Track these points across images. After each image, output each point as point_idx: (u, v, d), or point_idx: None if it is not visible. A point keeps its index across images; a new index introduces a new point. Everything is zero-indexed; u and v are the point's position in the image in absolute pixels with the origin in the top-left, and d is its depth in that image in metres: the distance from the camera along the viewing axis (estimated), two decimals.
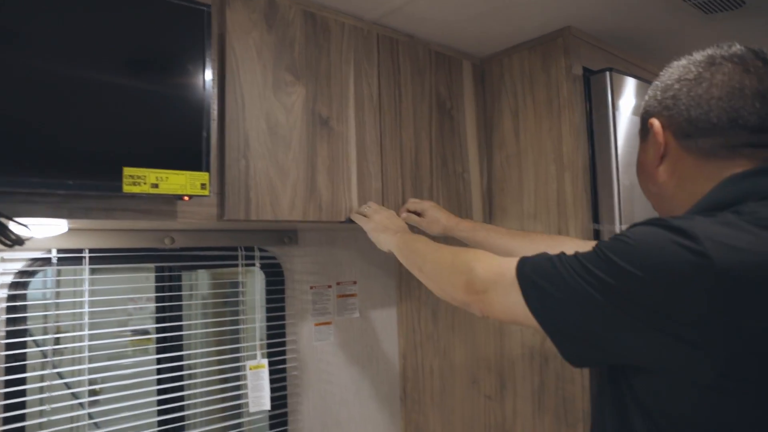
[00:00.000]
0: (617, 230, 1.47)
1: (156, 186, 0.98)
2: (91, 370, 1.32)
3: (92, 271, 1.42)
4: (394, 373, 1.94)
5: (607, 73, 1.49)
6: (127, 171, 0.94)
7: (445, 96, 1.57)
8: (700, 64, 0.77)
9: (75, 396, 1.33)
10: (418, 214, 1.43)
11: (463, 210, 1.58)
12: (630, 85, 1.58)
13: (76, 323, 1.35)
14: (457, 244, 1.57)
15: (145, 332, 1.66)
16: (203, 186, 1.03)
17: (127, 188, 0.94)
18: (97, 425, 1.38)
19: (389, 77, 1.44)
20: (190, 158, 1.02)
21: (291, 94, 1.24)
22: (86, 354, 1.31)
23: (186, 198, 1.05)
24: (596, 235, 1.50)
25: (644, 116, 0.83)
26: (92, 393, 1.35)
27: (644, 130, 0.83)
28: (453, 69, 1.61)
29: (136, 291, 1.53)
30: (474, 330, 1.71)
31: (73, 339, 1.34)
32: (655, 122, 0.79)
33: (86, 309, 1.32)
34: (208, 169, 1.04)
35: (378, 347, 1.90)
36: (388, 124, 1.42)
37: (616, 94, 1.51)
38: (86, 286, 1.33)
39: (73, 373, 1.31)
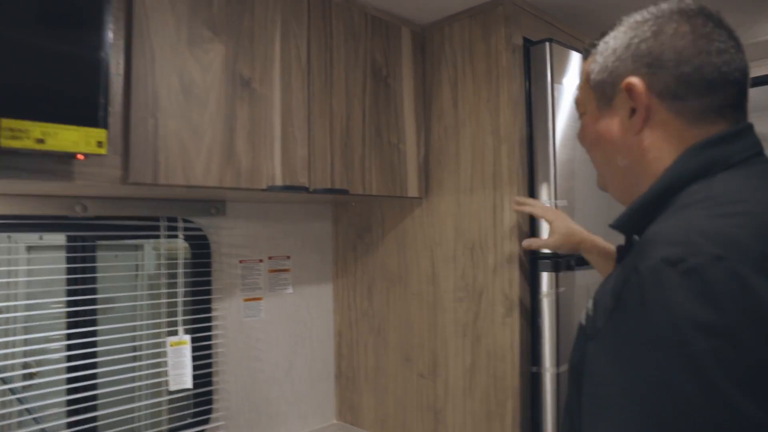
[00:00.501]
0: (552, 206, 1.44)
1: (42, 141, 0.88)
2: None
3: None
4: (328, 350, 1.89)
5: (547, 44, 1.45)
6: (6, 123, 0.84)
7: (381, 63, 1.50)
8: (671, 18, 0.68)
9: None
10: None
11: (397, 183, 1.53)
12: (570, 57, 1.54)
13: None
14: None
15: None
16: (100, 144, 0.94)
17: (5, 142, 0.84)
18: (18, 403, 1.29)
19: (320, 40, 1.36)
20: (85, 113, 0.93)
21: (209, 52, 1.15)
22: None
23: (81, 157, 0.96)
24: None
25: (608, 79, 0.71)
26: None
27: (606, 96, 0.72)
28: (391, 35, 1.54)
29: (45, 262, 1.42)
30: (408, 307, 1.67)
31: None
32: (637, 82, 0.68)
33: None
34: (105, 126, 0.95)
35: (312, 324, 1.85)
36: (318, 90, 1.34)
37: (556, 65, 1.47)
38: None
39: None
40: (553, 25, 1.63)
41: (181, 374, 1.49)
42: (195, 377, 1.53)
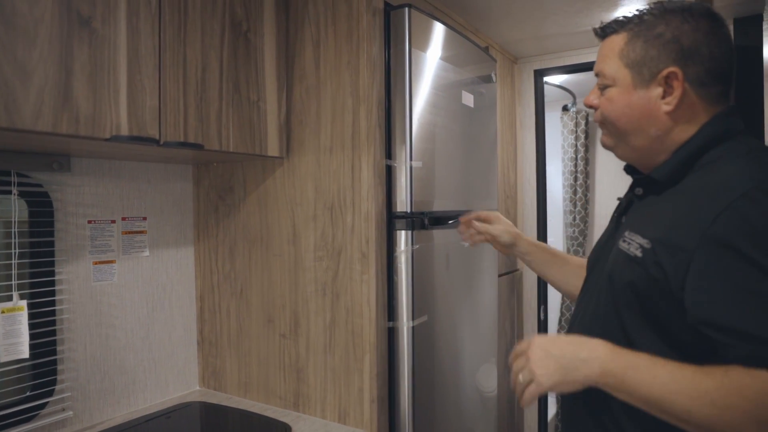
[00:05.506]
0: (406, 167, 1.50)
1: None
2: None
3: None
4: (189, 315, 1.84)
5: (406, 9, 1.50)
6: None
7: (241, 16, 1.46)
8: (701, 18, 0.87)
9: None
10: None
11: (257, 141, 1.51)
12: (429, 25, 1.60)
13: None
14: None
15: None
16: None
17: None
18: None
19: None
20: None
21: None
22: None
23: None
24: (388, 170, 1.52)
25: (649, 63, 0.89)
26: None
27: (643, 77, 0.90)
28: None
29: None
30: (270, 268, 1.66)
31: None
32: (679, 72, 0.87)
33: None
34: None
35: (172, 289, 1.78)
36: (170, 37, 1.28)
37: (414, 31, 1.52)
38: None
39: None
40: None
41: (16, 343, 1.37)
42: (35, 346, 1.42)
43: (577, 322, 1.02)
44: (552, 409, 2.91)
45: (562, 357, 0.85)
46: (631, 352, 0.83)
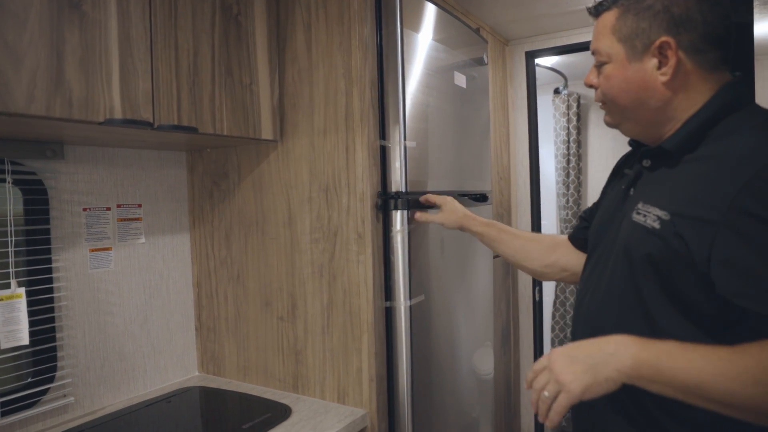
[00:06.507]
0: (400, 147, 1.51)
1: None
2: None
3: None
4: (187, 302, 1.85)
5: None
6: None
7: (231, 0, 1.46)
8: None
9: None
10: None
11: (250, 124, 1.51)
12: (421, 5, 1.61)
13: None
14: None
15: None
16: None
17: None
18: None
19: None
20: None
21: None
22: None
23: None
24: (382, 151, 1.53)
25: (641, 36, 0.88)
26: None
27: (637, 50, 0.89)
28: None
29: None
30: (267, 252, 1.67)
31: None
32: (671, 41, 0.86)
33: None
34: None
35: (169, 275, 1.79)
36: (161, 21, 1.28)
37: (406, 11, 1.52)
38: None
39: None
40: None
41: (15, 330, 1.38)
42: (34, 333, 1.43)
43: (587, 301, 1.01)
44: None
45: (589, 356, 0.81)
46: (658, 340, 0.79)
